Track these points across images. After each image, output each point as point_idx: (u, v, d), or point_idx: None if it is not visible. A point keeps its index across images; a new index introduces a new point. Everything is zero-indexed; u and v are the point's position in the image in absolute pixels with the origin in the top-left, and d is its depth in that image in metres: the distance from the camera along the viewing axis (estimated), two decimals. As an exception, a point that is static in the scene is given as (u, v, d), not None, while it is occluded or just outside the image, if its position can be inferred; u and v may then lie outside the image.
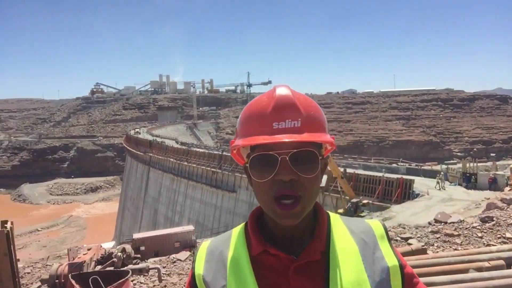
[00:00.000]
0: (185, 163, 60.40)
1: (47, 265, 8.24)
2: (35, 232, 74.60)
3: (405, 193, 32.92)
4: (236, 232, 1.29)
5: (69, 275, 4.50)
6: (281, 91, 1.12)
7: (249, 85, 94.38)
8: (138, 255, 6.05)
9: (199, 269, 1.21)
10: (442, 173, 40.11)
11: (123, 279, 4.22)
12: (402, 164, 49.52)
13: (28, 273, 7.70)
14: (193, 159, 60.06)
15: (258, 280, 1.12)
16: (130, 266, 5.24)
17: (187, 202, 58.74)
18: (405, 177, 35.53)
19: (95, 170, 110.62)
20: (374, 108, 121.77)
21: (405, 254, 5.72)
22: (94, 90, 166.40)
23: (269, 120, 1.08)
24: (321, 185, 1.19)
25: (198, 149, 67.47)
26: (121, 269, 5.04)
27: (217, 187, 52.91)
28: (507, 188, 31.53)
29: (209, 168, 54.96)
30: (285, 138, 1.04)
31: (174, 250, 32.53)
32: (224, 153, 59.15)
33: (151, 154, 71.27)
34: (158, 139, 79.06)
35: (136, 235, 34.19)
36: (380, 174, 35.81)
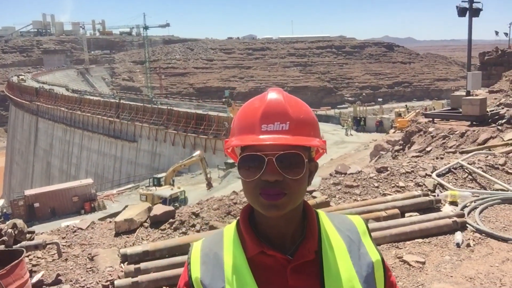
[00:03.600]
0: (79, 112, 56.57)
1: None
2: None
3: (303, 138, 34.68)
4: (228, 232, 1.27)
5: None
6: (273, 95, 1.17)
7: (146, 28, 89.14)
8: (33, 230, 5.49)
9: (196, 272, 1.20)
10: (349, 119, 42.75)
11: (16, 261, 3.76)
12: (300, 109, 51.60)
13: None
14: (87, 108, 56.37)
15: (257, 280, 1.14)
16: (24, 243, 4.72)
17: (84, 154, 55.70)
18: (303, 122, 37.21)
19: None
20: (273, 55, 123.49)
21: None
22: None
23: (258, 122, 1.12)
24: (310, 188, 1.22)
25: (92, 97, 63.46)
26: (14, 247, 4.52)
27: (115, 137, 50.68)
28: (392, 131, 34.76)
29: (105, 118, 52.21)
30: (271, 140, 1.09)
31: (72, 205, 31.03)
32: (121, 101, 56.30)
33: (39, 103, 65.43)
34: (46, 86, 72.48)
35: (28, 192, 31.94)
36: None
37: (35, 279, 4.51)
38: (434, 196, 6.59)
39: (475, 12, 19.54)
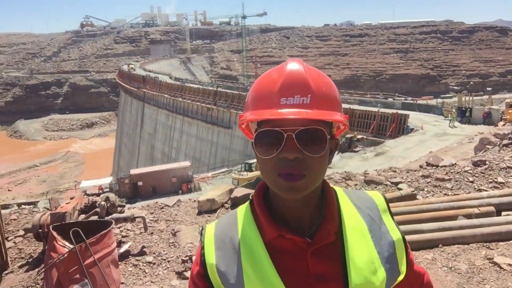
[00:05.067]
0: (180, 99, 59.88)
1: (33, 211, 8.20)
2: (33, 168, 75.39)
3: (400, 128, 33.08)
4: (242, 214, 1.19)
5: (50, 226, 4.39)
6: (292, 66, 1.07)
7: (244, 17, 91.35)
8: (123, 204, 5.99)
9: (211, 259, 1.13)
10: (453, 110, 40.02)
11: (105, 231, 4.11)
12: (398, 98, 49.23)
13: (15, 219, 7.68)
14: (188, 95, 59.45)
15: (276, 265, 1.08)
16: (115, 215, 5.17)
17: (183, 138, 59.01)
18: (400, 112, 35.50)
19: (90, 106, 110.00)
20: (372, 41, 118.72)
21: (395, 199, 5.62)
22: (84, 23, 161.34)
23: (277, 95, 1.04)
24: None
25: (192, 85, 66.69)
26: (105, 218, 4.96)
27: (212, 123, 52.85)
28: (501, 123, 31.57)
29: (204, 105, 54.61)
30: (291, 114, 1.00)
31: (171, 185, 33.12)
32: (219, 89, 58.48)
33: (145, 90, 70.48)
34: (152, 74, 77.72)
35: (133, 171, 34.70)
36: (375, 109, 35.70)
37: (123, 249, 4.91)
38: (541, 195, 5.86)
39: None
